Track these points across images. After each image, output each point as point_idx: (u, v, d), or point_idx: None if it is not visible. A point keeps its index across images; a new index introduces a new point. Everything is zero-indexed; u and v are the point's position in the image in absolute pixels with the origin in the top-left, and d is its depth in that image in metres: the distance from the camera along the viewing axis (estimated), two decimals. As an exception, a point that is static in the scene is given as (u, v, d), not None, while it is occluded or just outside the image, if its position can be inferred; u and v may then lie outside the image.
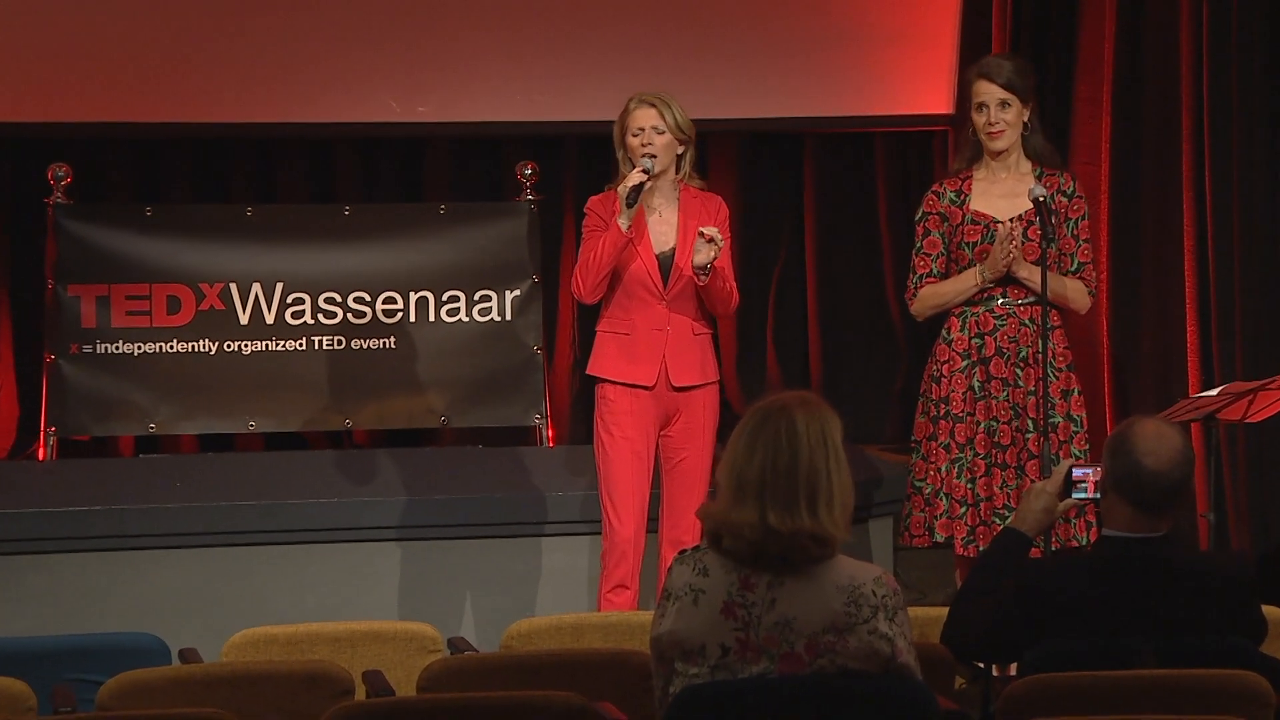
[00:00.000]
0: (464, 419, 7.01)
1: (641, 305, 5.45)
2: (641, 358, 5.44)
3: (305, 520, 6.18)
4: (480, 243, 7.01)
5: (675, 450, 5.51)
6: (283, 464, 6.52)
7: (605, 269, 5.36)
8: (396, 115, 7.43)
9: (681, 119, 5.43)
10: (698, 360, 5.50)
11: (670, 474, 5.52)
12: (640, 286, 5.44)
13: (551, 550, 6.30)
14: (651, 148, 5.38)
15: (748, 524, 3.36)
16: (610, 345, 5.49)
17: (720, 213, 5.54)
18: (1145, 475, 3.66)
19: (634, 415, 5.44)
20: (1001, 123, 5.56)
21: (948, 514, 5.55)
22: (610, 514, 5.45)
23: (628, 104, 5.47)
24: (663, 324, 5.46)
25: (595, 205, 5.49)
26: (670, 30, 7.61)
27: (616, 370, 5.46)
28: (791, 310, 8.16)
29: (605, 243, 5.33)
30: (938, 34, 7.68)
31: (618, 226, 5.32)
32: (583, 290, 5.41)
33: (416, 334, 6.94)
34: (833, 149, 8.12)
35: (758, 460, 3.37)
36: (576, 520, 6.24)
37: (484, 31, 7.49)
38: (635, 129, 5.41)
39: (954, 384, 5.58)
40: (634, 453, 5.44)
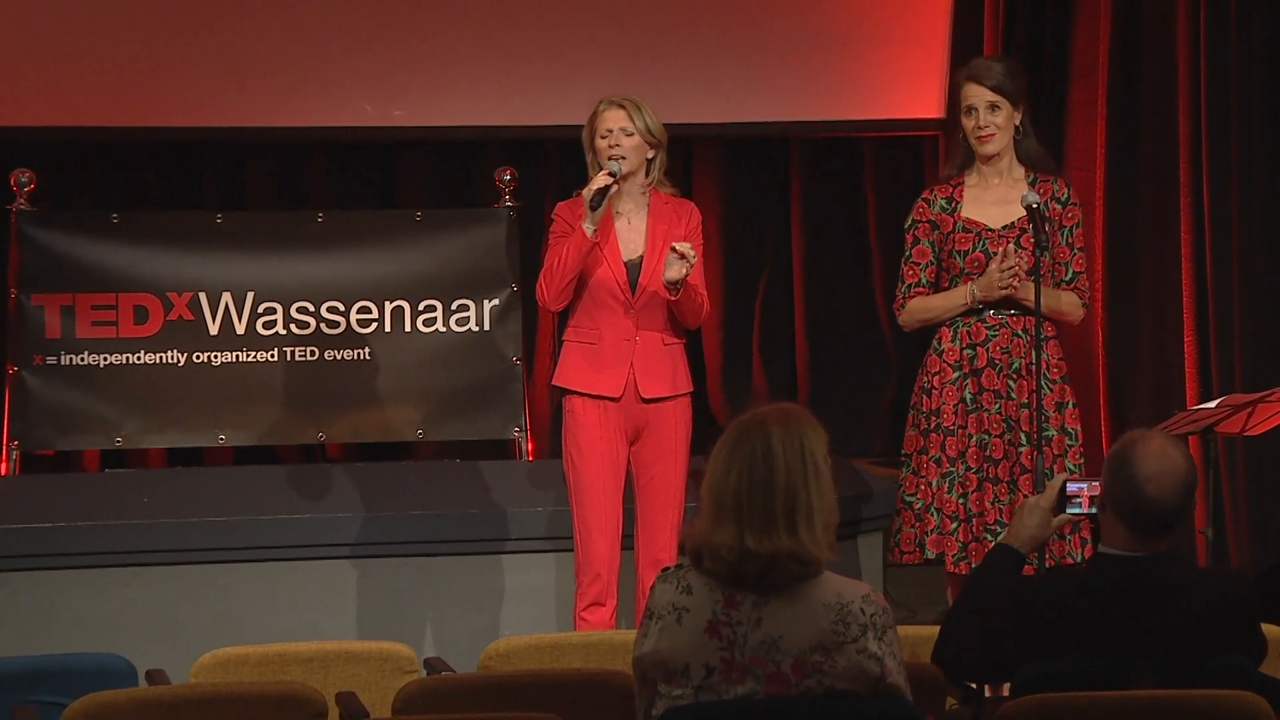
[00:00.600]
0: (441, 432, 7.00)
1: (609, 314, 5.44)
2: (608, 368, 5.43)
3: (277, 537, 6.17)
4: (457, 250, 7.01)
5: (646, 466, 5.49)
6: (253, 479, 6.51)
7: (570, 275, 5.35)
8: (371, 119, 7.43)
9: (652, 122, 5.43)
10: (668, 371, 5.48)
11: (643, 491, 5.51)
12: (608, 295, 5.43)
13: (533, 567, 6.30)
14: (619, 150, 5.38)
15: (726, 545, 3.36)
16: (576, 355, 5.47)
17: (692, 220, 5.53)
18: (1145, 502, 3.65)
19: (602, 428, 5.43)
20: (991, 126, 5.57)
21: (939, 530, 5.56)
22: (582, 530, 5.44)
23: (597, 106, 5.47)
24: (631, 334, 5.45)
25: (563, 211, 5.49)
26: (653, 32, 7.62)
27: (582, 381, 5.45)
28: (778, 320, 8.17)
29: (570, 248, 5.32)
30: (928, 35, 7.69)
31: (583, 231, 5.31)
32: (547, 297, 5.41)
33: (392, 345, 6.93)
34: (820, 154, 8.13)
35: (734, 479, 3.37)
36: (559, 535, 6.23)
37: (462, 32, 7.49)
38: (603, 131, 5.41)
39: (945, 396, 5.59)
40: (604, 466, 5.42)
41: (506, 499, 6.40)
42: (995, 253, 5.56)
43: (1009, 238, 5.57)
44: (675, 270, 5.28)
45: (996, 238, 5.57)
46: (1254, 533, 6.64)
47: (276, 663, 4.24)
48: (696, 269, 5.46)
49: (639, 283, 5.43)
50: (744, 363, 8.12)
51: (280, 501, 6.30)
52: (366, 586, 6.21)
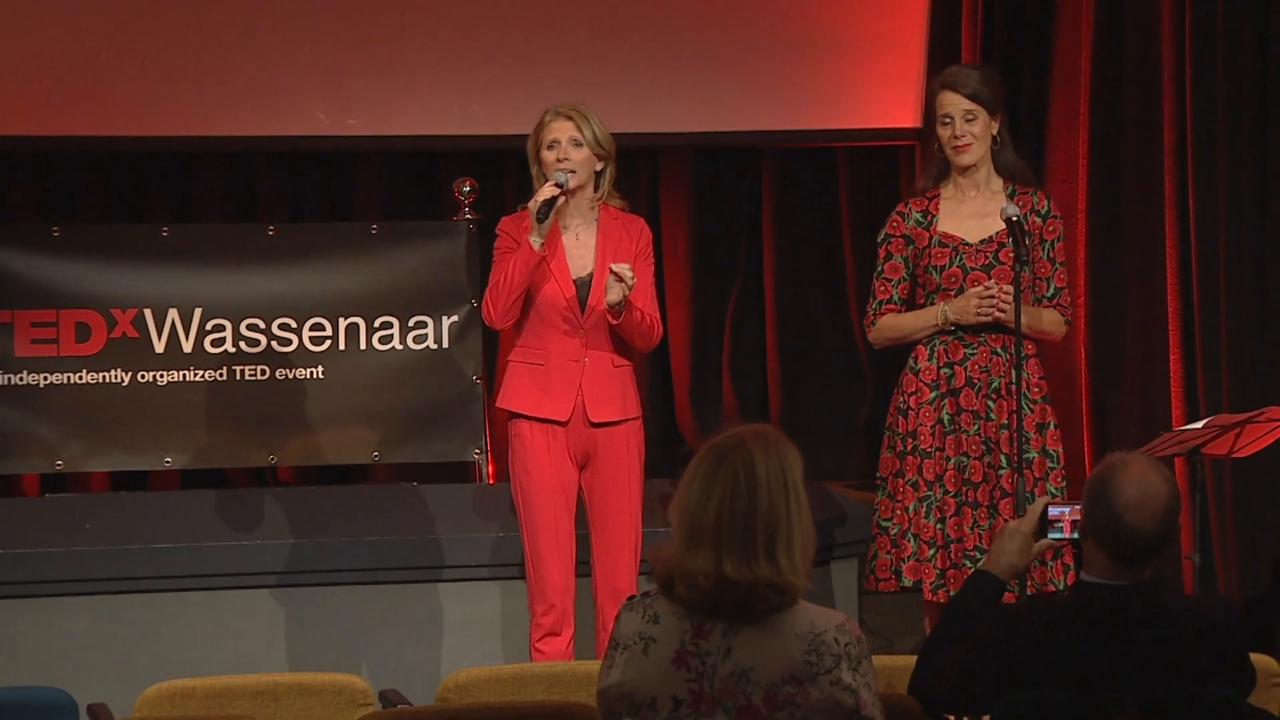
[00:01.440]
0: (398, 454, 6.99)
1: (557, 334, 5.42)
2: (556, 390, 5.41)
3: (225, 564, 6.15)
4: (415, 265, 7.00)
5: (599, 495, 5.48)
6: (201, 504, 6.49)
7: (517, 291, 5.34)
8: (324, 128, 7.43)
9: (600, 132, 5.42)
10: (617, 394, 5.47)
11: (598, 520, 5.49)
12: (556, 314, 5.41)
13: (494, 595, 6.29)
14: (568, 163, 5.38)
15: (702, 573, 3.35)
16: (522, 376, 5.45)
17: (642, 238, 5.51)
18: (1125, 530, 3.66)
19: (550, 452, 5.42)
20: (968, 135, 5.59)
21: (916, 556, 5.57)
22: (534, 559, 5.43)
23: (543, 116, 5.46)
24: (580, 354, 5.43)
25: (507, 225, 5.47)
26: (619, 39, 7.64)
27: (528, 403, 5.42)
28: (749, 337, 8.19)
29: (516, 262, 5.31)
30: (904, 42, 7.72)
31: (529, 245, 5.30)
32: (493, 315, 5.39)
33: (346, 363, 6.92)
34: (793, 165, 8.15)
35: (713, 504, 3.37)
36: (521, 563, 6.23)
37: (420, 38, 7.49)
38: (550, 141, 5.40)
39: (922, 417, 5.60)
40: (554, 492, 5.41)
41: (465, 524, 6.38)
42: (972, 267, 5.58)
43: (987, 252, 5.58)
44: (615, 293, 5.28)
45: (974, 252, 5.58)
46: (1242, 559, 6.66)
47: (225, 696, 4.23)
48: (646, 291, 5.46)
49: (589, 301, 5.41)
50: (713, 381, 8.13)
51: (229, 527, 6.28)
52: (319, 615, 6.19)
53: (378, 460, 7.00)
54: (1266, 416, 5.66)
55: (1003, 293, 5.49)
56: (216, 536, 6.22)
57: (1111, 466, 3.71)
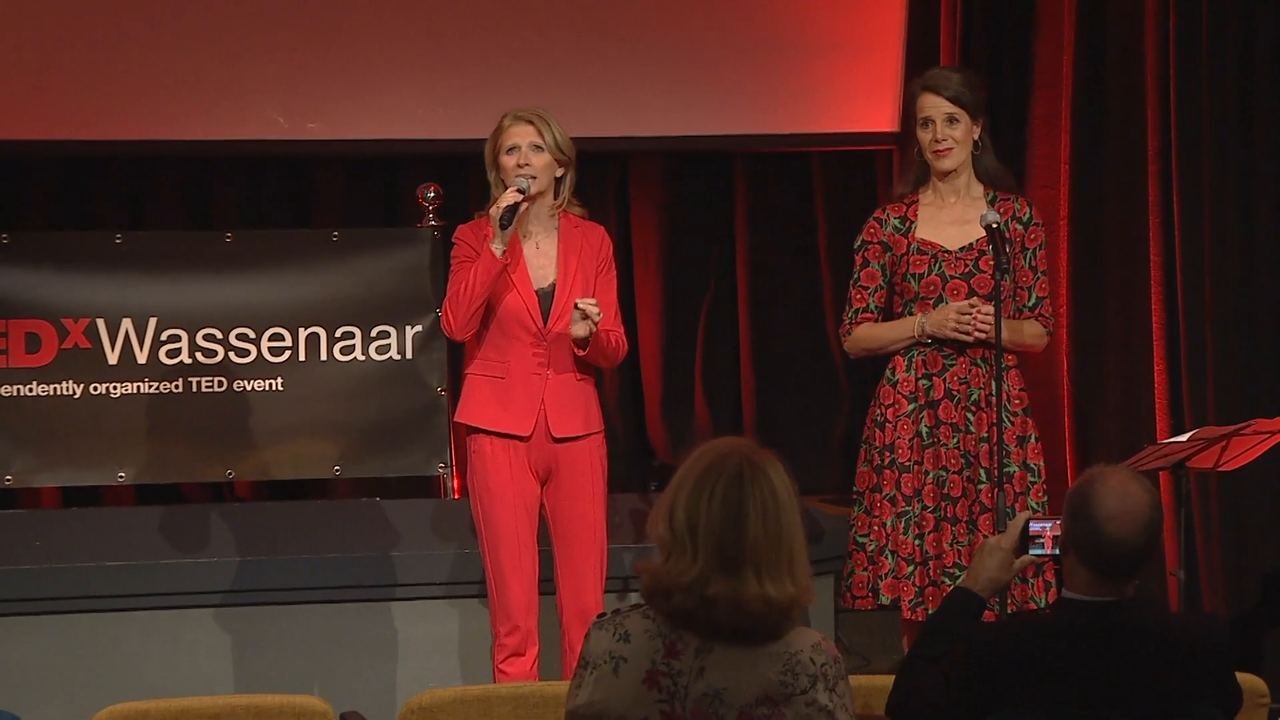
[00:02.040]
0: (359, 469, 6.98)
1: (518, 346, 5.42)
2: (517, 404, 5.41)
3: (181, 583, 6.13)
4: (377, 273, 6.99)
5: (562, 512, 5.48)
6: (156, 520, 6.47)
7: (478, 301, 5.33)
8: (283, 132, 7.41)
9: (561, 138, 5.42)
10: (580, 409, 5.47)
11: (562, 539, 5.49)
12: (517, 325, 5.41)
13: (459, 613, 6.28)
14: (529, 168, 5.38)
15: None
16: (482, 389, 5.44)
17: (604, 247, 5.52)
18: (1107, 542, 3.67)
19: (512, 468, 5.41)
20: (949, 140, 5.60)
21: (893, 573, 5.57)
22: (496, 579, 5.43)
23: (501, 121, 5.46)
24: (542, 367, 5.42)
25: (465, 234, 5.47)
26: (587, 41, 7.63)
27: (488, 418, 5.42)
28: (722, 348, 8.19)
29: (478, 271, 5.30)
30: (881, 44, 7.73)
31: (491, 253, 5.29)
32: (453, 326, 5.38)
33: (306, 374, 6.91)
34: (767, 170, 8.16)
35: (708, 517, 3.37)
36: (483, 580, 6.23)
37: (382, 40, 7.48)
38: (509, 146, 5.40)
39: (899, 430, 5.61)
40: (516, 510, 5.41)
41: (429, 541, 6.38)
42: (951, 276, 5.59)
43: (966, 260, 5.60)
44: (580, 329, 5.29)
45: (953, 260, 5.60)
46: (1228, 575, 6.68)
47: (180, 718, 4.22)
48: (611, 307, 5.48)
49: (551, 313, 5.42)
50: (686, 393, 8.13)
51: (185, 544, 6.26)
52: (277, 635, 6.18)
53: (339, 475, 6.99)
54: (1253, 429, 5.67)
55: (982, 313, 5.50)
56: (171, 554, 6.20)
57: (1091, 478, 3.73)
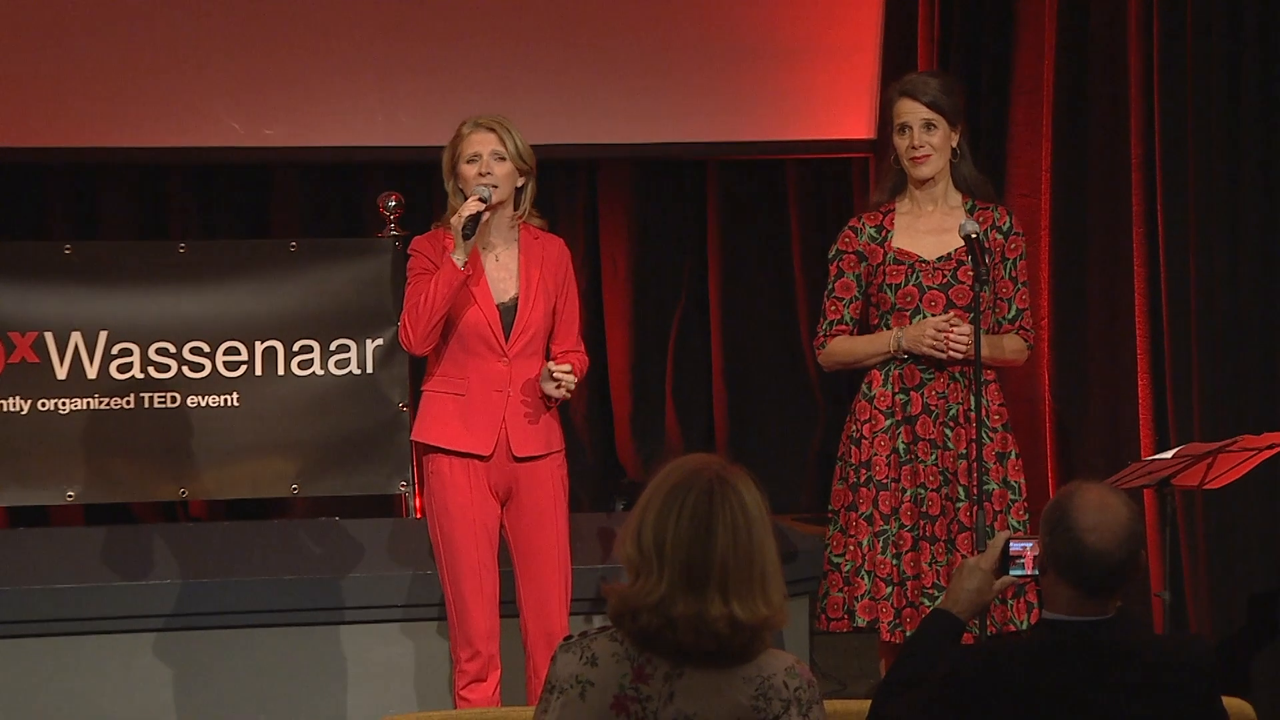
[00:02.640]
0: (318, 487, 6.97)
1: (479, 362, 5.41)
2: (478, 423, 5.41)
3: (132, 605, 6.11)
4: (337, 284, 6.99)
5: (524, 533, 5.48)
6: (106, 541, 6.45)
7: (440, 313, 5.32)
8: (240, 139, 7.40)
9: (522, 146, 5.42)
10: (541, 427, 5.47)
11: (524, 561, 5.49)
12: (478, 340, 5.40)
13: (418, 636, 6.28)
14: (491, 177, 5.38)
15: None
16: (442, 407, 5.43)
17: (564, 260, 5.53)
18: (1088, 555, 3.68)
19: (472, 489, 5.41)
20: (927, 146, 5.61)
21: (870, 594, 5.57)
22: (457, 603, 5.42)
23: (460, 128, 5.45)
24: (503, 384, 5.42)
25: (422, 245, 5.45)
26: (554, 44, 7.64)
27: (448, 437, 5.41)
28: (694, 362, 8.19)
29: (439, 283, 5.29)
30: (857, 48, 7.75)
31: (452, 264, 5.28)
32: (412, 340, 5.36)
33: (263, 389, 6.90)
34: (740, 178, 8.17)
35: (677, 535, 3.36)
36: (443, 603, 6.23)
37: (342, 44, 7.48)
38: (470, 155, 5.40)
39: (876, 446, 5.61)
40: (477, 532, 5.40)
41: (390, 561, 6.37)
42: (929, 286, 5.60)
43: (944, 270, 5.60)
44: (551, 390, 5.34)
45: (931, 270, 5.60)
46: (1215, 596, 6.68)
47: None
48: (574, 324, 5.51)
49: (514, 327, 5.42)
50: (656, 408, 8.14)
51: (136, 566, 6.24)
52: (233, 660, 6.16)
53: (296, 493, 6.98)
54: (1240, 445, 5.68)
55: (958, 332, 5.50)
56: (122, 576, 6.18)
57: (1069, 492, 3.75)
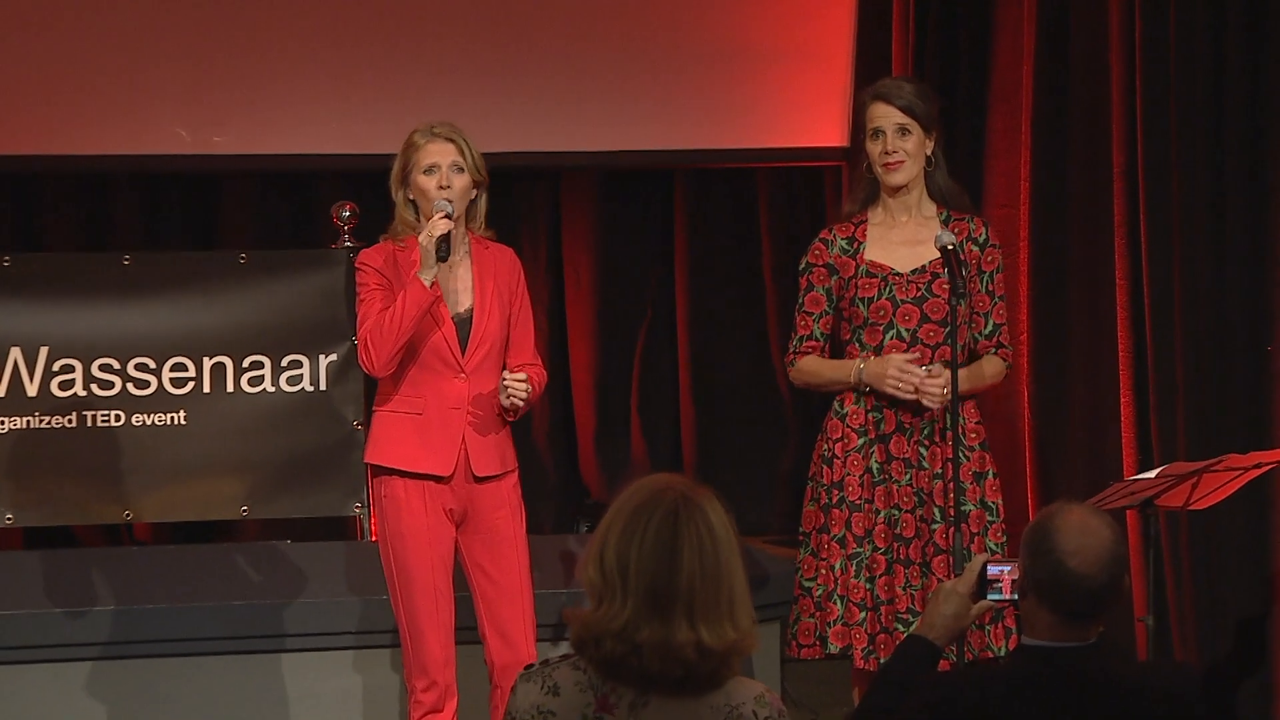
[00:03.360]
0: (269, 509, 6.95)
1: (435, 379, 5.40)
2: (437, 443, 5.39)
3: (75, 633, 6.09)
4: (289, 298, 6.97)
5: (485, 557, 5.47)
6: (47, 565, 6.42)
7: (407, 335, 5.31)
8: (187, 146, 7.39)
9: (477, 157, 5.43)
10: (499, 445, 5.47)
11: (484, 583, 5.48)
12: (435, 357, 5.39)
13: (370, 664, 6.26)
14: (450, 191, 5.38)
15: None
16: (399, 428, 5.42)
17: (516, 270, 5.54)
18: (1070, 579, 3.68)
19: (428, 512, 5.40)
20: (900, 152, 5.62)
21: (843, 620, 5.57)
22: (412, 632, 5.41)
23: (413, 137, 5.45)
24: (461, 401, 5.41)
25: (370, 259, 5.44)
26: (515, 48, 7.63)
27: (407, 458, 5.39)
28: (660, 378, 8.19)
29: (407, 305, 5.27)
30: (829, 53, 7.76)
31: (420, 284, 5.27)
32: (375, 362, 5.34)
33: (211, 407, 6.88)
34: (708, 187, 8.18)
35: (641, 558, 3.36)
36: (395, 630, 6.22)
37: (293, 48, 7.46)
38: (427, 166, 5.39)
39: (849, 466, 5.61)
40: (434, 558, 5.39)
41: (344, 586, 6.36)
42: (902, 300, 5.60)
43: (919, 283, 5.61)
44: (509, 402, 5.34)
45: (904, 283, 5.61)
46: (1201, 621, 6.70)
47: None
48: (528, 331, 5.51)
49: (470, 341, 5.41)
50: (621, 427, 8.13)
51: (78, 592, 6.22)
52: (180, 689, 6.15)
53: (246, 516, 6.96)
54: (1226, 465, 5.69)
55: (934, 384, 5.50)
56: (63, 602, 6.16)
57: (1050, 514, 3.75)
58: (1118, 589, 3.71)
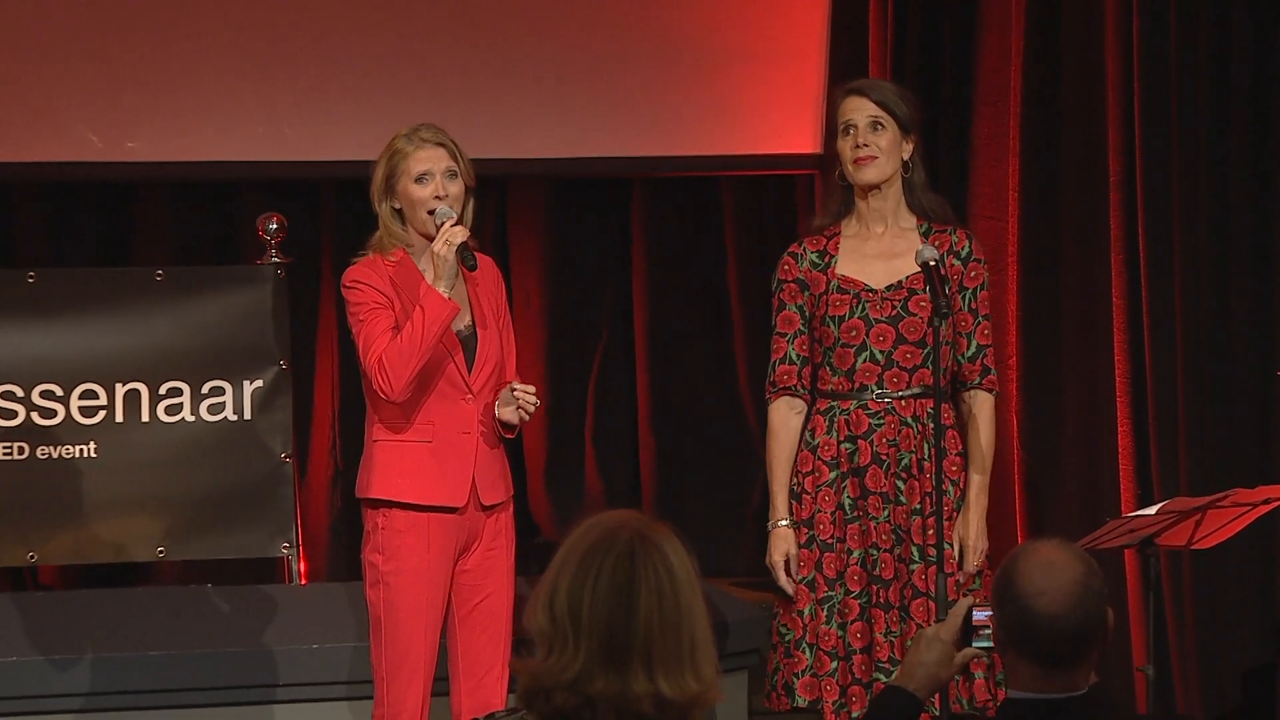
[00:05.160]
0: (188, 550, 6.94)
1: (444, 402, 5.42)
2: (451, 472, 5.41)
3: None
4: (210, 319, 6.96)
5: (476, 588, 5.48)
6: (-57, 612, 6.41)
7: (428, 354, 5.31)
8: (98, 153, 7.37)
9: (468, 162, 5.48)
10: (503, 470, 5.52)
11: (468, 619, 5.49)
12: (441, 378, 5.41)
13: (303, 718, 6.25)
14: (448, 199, 5.40)
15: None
16: (410, 458, 5.41)
17: (499, 281, 5.59)
18: (1039, 623, 3.68)
19: (431, 550, 5.40)
20: (873, 147, 5.61)
21: (812, 670, 5.57)
22: (391, 677, 5.40)
23: (396, 143, 5.45)
24: (470, 424, 5.43)
25: (365, 276, 5.43)
26: (457, 47, 7.63)
27: (420, 490, 5.39)
28: (616, 405, 8.19)
29: (428, 322, 5.28)
30: (801, 54, 7.77)
31: (439, 297, 5.29)
32: (395, 385, 5.31)
33: (125, 439, 6.86)
34: (668, 197, 8.18)
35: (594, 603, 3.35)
36: (341, 681, 6.20)
37: (215, 46, 7.45)
38: (419, 173, 5.41)
39: (820, 502, 5.62)
40: (431, 599, 5.40)
41: (274, 634, 6.35)
42: (877, 319, 5.61)
43: (894, 301, 5.61)
44: (513, 415, 5.35)
45: (879, 301, 5.61)
46: (1205, 671, 6.71)
47: None
48: (513, 348, 5.55)
49: (475, 359, 5.44)
50: (574, 459, 8.13)
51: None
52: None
53: (163, 558, 6.94)
54: (1232, 500, 5.70)
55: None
56: (-38, 652, 6.14)
57: (1014, 557, 3.73)
58: (1096, 628, 3.69)
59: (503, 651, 5.50)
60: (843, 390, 5.62)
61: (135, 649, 6.24)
